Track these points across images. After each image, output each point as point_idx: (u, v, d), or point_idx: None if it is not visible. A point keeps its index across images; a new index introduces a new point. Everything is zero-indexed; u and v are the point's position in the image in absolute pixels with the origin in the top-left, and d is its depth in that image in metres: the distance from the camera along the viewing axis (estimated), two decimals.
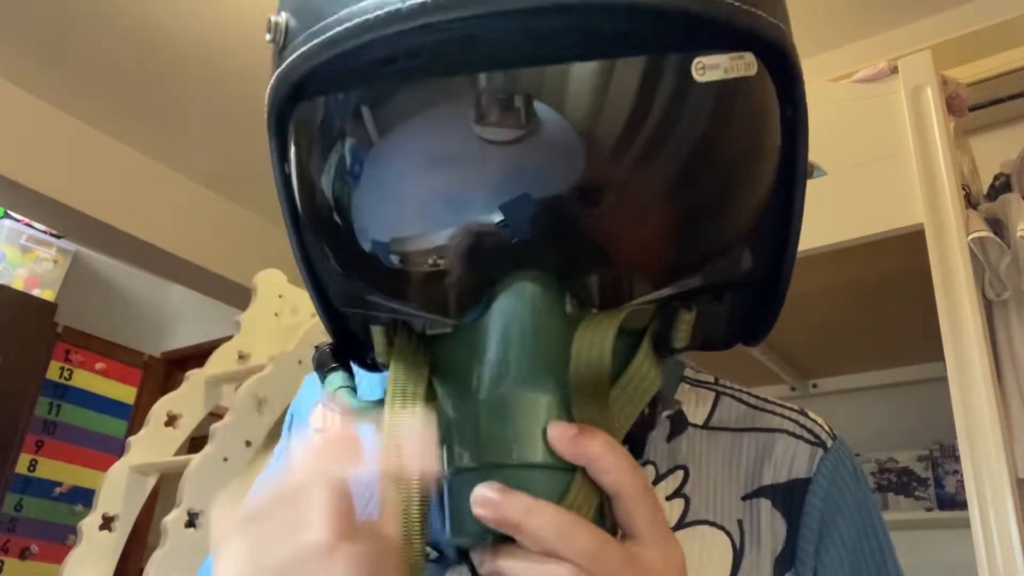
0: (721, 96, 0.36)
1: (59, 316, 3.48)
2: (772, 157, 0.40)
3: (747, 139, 0.38)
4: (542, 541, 0.31)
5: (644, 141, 0.35)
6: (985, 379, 1.06)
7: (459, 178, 0.37)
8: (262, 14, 2.59)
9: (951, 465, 1.77)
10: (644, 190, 0.36)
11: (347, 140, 0.38)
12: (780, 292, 0.43)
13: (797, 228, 0.43)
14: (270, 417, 1.74)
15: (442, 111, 0.36)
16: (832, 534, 0.46)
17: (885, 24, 2.21)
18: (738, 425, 0.49)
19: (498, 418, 0.34)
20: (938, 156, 1.20)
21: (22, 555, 3.23)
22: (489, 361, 0.35)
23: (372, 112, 0.37)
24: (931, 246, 1.16)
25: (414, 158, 0.37)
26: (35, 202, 2.82)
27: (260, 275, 2.14)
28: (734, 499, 0.46)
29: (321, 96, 0.39)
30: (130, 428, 3.56)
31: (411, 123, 0.37)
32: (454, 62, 0.35)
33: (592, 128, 0.35)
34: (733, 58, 0.35)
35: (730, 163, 0.38)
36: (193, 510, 1.60)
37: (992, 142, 1.82)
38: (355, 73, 0.37)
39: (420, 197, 0.38)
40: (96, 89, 2.76)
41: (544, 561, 0.32)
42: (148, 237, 3.03)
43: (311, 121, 0.41)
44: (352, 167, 0.39)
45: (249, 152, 3.04)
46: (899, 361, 1.90)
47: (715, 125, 0.36)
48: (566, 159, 0.35)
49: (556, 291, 0.36)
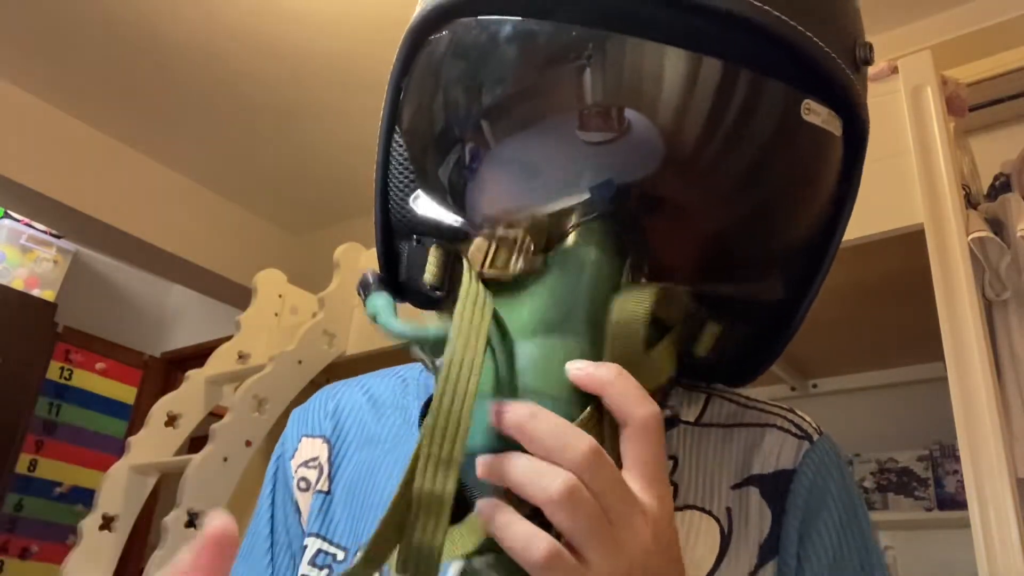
0: (795, 140, 0.41)
1: (59, 316, 3.48)
2: (819, 213, 0.45)
3: (804, 188, 0.43)
4: (542, 443, 0.32)
5: (717, 155, 0.41)
6: (985, 379, 1.06)
7: (556, 166, 0.42)
8: (263, 14, 2.59)
9: (951, 465, 1.77)
10: (706, 199, 0.41)
11: (470, 84, 0.44)
12: (788, 335, 0.47)
13: (821, 279, 0.46)
14: (270, 417, 1.74)
15: (552, 100, 0.42)
16: (816, 523, 0.46)
17: (885, 24, 2.21)
18: (728, 422, 0.51)
19: (530, 356, 0.36)
20: (938, 156, 1.20)
21: (22, 555, 3.23)
22: (536, 307, 0.38)
23: (497, 73, 0.43)
24: (931, 246, 1.16)
25: (522, 134, 0.43)
26: (35, 202, 2.82)
27: (260, 275, 2.15)
28: (724, 488, 0.47)
29: (468, 25, 0.43)
30: (130, 428, 3.56)
31: (525, 103, 0.43)
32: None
33: (674, 135, 0.40)
34: (831, 115, 0.41)
35: (783, 199, 0.43)
36: (193, 510, 1.60)
37: (992, 142, 1.82)
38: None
39: (520, 163, 0.43)
40: (96, 89, 2.76)
41: (542, 463, 0.32)
42: (148, 237, 3.03)
43: (445, 52, 0.44)
44: (468, 109, 0.44)
45: (249, 152, 3.04)
46: (899, 361, 1.90)
47: (782, 160, 0.42)
48: (647, 158, 0.40)
49: (614, 262, 0.39)
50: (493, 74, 0.43)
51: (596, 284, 0.38)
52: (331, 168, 3.08)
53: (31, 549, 3.25)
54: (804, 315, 0.46)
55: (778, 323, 0.46)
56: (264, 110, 2.78)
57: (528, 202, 0.42)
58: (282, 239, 3.53)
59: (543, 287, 0.38)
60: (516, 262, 0.39)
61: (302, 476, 0.54)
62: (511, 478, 0.33)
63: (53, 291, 3.50)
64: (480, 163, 0.44)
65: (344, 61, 2.51)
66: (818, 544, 0.46)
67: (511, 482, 0.33)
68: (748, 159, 0.41)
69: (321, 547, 0.49)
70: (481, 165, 0.44)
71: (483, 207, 0.44)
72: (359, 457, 0.53)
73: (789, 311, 0.46)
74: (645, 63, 0.40)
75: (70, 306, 3.57)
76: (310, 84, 2.62)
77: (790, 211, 0.44)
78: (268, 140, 2.95)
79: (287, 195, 3.30)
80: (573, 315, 0.37)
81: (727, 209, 0.42)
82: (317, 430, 0.56)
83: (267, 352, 1.95)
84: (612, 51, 0.40)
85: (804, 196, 0.44)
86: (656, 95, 0.40)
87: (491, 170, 0.44)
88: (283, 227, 3.54)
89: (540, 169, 0.43)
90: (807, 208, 0.44)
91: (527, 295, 0.38)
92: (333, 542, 0.49)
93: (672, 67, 0.40)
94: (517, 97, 0.43)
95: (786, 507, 0.47)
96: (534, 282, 0.39)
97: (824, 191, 0.44)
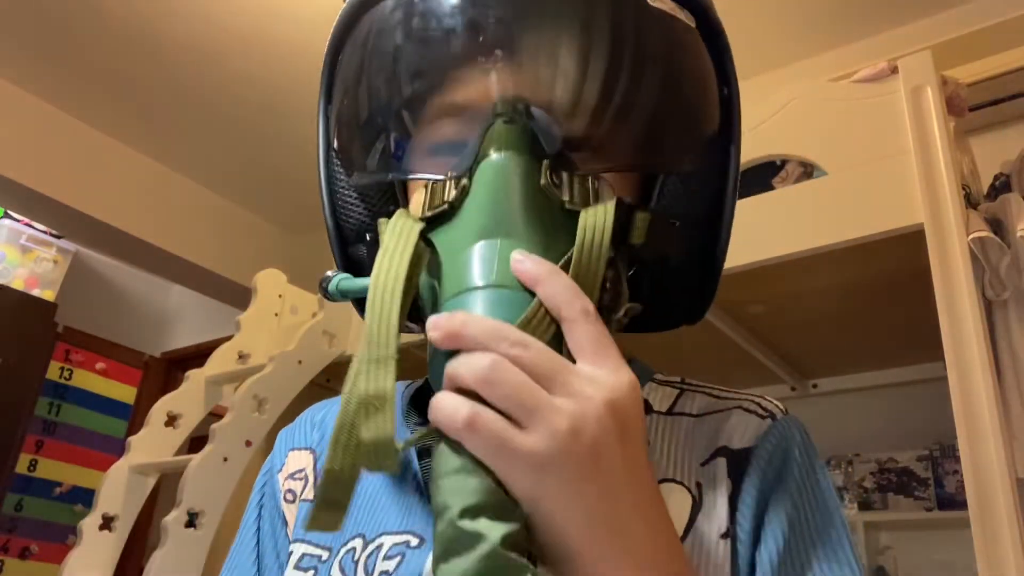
0: (652, 27, 0.46)
1: (59, 316, 3.48)
2: (709, 105, 0.49)
3: (680, 74, 0.48)
4: (475, 342, 0.35)
5: (591, 52, 0.45)
6: (985, 379, 1.06)
7: (466, 118, 0.45)
8: (262, 15, 2.59)
9: (951, 465, 1.77)
10: (596, 91, 0.45)
11: (381, 55, 0.48)
12: (716, 260, 0.50)
13: (735, 173, 0.50)
14: (270, 417, 1.74)
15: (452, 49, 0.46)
16: (776, 491, 0.47)
17: (885, 24, 2.21)
18: (698, 412, 0.52)
19: (481, 256, 0.39)
20: (938, 156, 1.20)
21: (22, 555, 3.23)
22: (471, 218, 0.41)
23: (390, 63, 0.48)
24: (931, 246, 1.16)
25: (429, 112, 0.47)
26: (35, 202, 2.82)
27: (260, 275, 2.14)
28: (694, 466, 0.49)
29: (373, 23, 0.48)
30: (130, 428, 3.56)
31: (422, 86, 0.47)
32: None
33: (552, 49, 0.45)
34: (675, 6, 0.47)
35: (664, 85, 0.47)
36: (193, 510, 1.60)
37: (992, 142, 1.82)
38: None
39: (436, 139, 0.47)
40: (96, 89, 2.76)
41: (473, 354, 0.35)
42: (148, 237, 3.03)
43: (352, 57, 0.50)
44: (382, 102, 0.48)
45: (249, 152, 3.04)
46: (899, 361, 1.90)
47: (647, 48, 0.46)
48: (535, 74, 0.45)
49: (530, 161, 0.42)
50: (395, 60, 0.47)
51: (521, 183, 0.41)
52: None
53: (31, 549, 3.25)
54: (731, 214, 0.49)
55: (709, 221, 0.49)
56: (264, 110, 2.78)
57: (452, 160, 0.45)
58: (282, 239, 3.53)
59: (473, 199, 0.42)
60: (448, 195, 0.42)
61: (288, 488, 0.54)
62: (450, 372, 0.35)
63: (53, 291, 3.50)
64: (404, 150, 0.48)
65: None
66: (779, 509, 0.46)
67: (450, 376, 0.35)
68: (620, 52, 0.45)
69: (306, 551, 0.49)
70: (405, 152, 0.48)
71: (411, 177, 0.49)
72: None
73: (716, 209, 0.49)
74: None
75: (70, 306, 3.56)
76: (310, 84, 2.61)
77: (673, 93, 0.47)
78: (268, 140, 2.95)
79: (287, 195, 3.30)
80: (507, 216, 0.40)
81: (619, 98, 0.45)
82: (303, 442, 0.56)
83: (267, 352, 1.94)
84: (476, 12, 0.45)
85: (681, 78, 0.48)
86: (523, 25, 0.45)
87: (415, 152, 0.48)
88: (283, 227, 3.54)
89: (458, 133, 0.46)
90: (692, 92, 0.48)
91: (466, 213, 0.42)
92: (317, 544, 0.49)
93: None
94: (419, 78, 0.47)
95: (747, 472, 0.47)
96: (467, 202, 0.42)
97: (702, 81, 0.49)
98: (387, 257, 0.39)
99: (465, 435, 0.33)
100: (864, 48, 2.22)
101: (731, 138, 0.50)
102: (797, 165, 1.47)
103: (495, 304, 0.37)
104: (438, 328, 0.35)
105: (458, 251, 0.40)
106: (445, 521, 0.33)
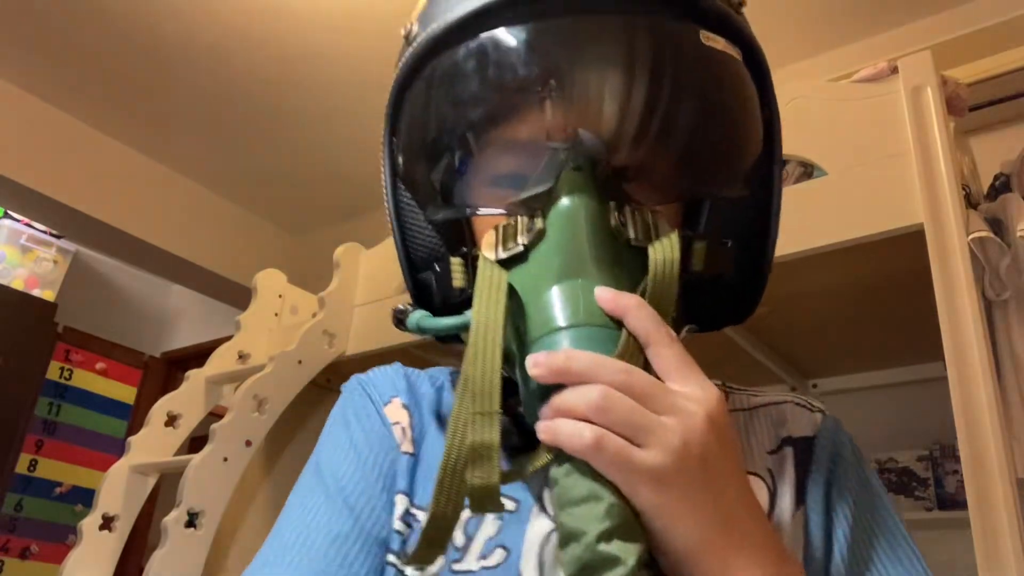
0: (707, 63, 0.49)
1: (59, 316, 3.48)
2: (755, 129, 0.52)
3: (732, 103, 0.51)
4: (580, 376, 0.39)
5: (657, 94, 0.47)
6: (985, 379, 1.06)
7: (532, 155, 0.48)
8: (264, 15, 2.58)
9: (951, 465, 1.77)
10: (660, 132, 0.48)
11: (447, 113, 0.50)
12: (763, 272, 0.54)
13: (779, 187, 0.53)
14: (270, 417, 1.74)
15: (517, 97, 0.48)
16: (838, 478, 0.52)
17: (885, 24, 2.21)
18: (748, 407, 0.58)
19: (565, 297, 0.43)
20: (938, 156, 1.20)
21: (22, 555, 3.23)
22: (549, 261, 0.44)
23: (465, 98, 0.49)
24: (931, 246, 1.16)
25: (499, 145, 0.50)
26: (35, 202, 2.82)
27: (260, 275, 2.14)
28: (763, 454, 0.54)
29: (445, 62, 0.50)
30: (130, 428, 3.56)
31: (494, 119, 0.49)
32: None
33: (621, 92, 0.47)
34: (727, 43, 0.49)
35: (718, 115, 0.50)
36: (193, 510, 1.60)
37: (992, 142, 1.82)
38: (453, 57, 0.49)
39: (501, 171, 0.50)
40: (96, 89, 2.76)
41: (582, 386, 0.38)
42: (148, 237, 3.03)
43: (425, 94, 0.52)
44: (452, 134, 0.50)
45: (249, 152, 3.04)
46: (899, 361, 1.89)
47: (701, 81, 0.49)
48: (603, 118, 0.47)
49: (600, 205, 0.45)
50: (464, 100, 0.50)
51: (594, 226, 0.45)
52: (331, 168, 3.08)
53: (31, 549, 3.25)
54: (776, 225, 0.53)
55: (756, 237, 0.53)
56: (265, 110, 2.78)
57: (516, 193, 0.48)
58: (282, 239, 3.53)
59: (549, 243, 0.45)
60: (522, 236, 0.46)
61: (395, 422, 0.54)
62: (561, 405, 0.38)
63: (53, 291, 3.50)
64: (471, 180, 0.51)
65: (345, 61, 2.51)
66: (842, 502, 0.51)
67: (561, 408, 0.38)
68: (681, 93, 0.48)
69: (407, 506, 0.50)
70: (472, 182, 0.51)
71: (483, 212, 0.51)
72: (435, 434, 0.54)
73: (762, 225, 0.53)
74: (580, 40, 0.47)
75: (70, 306, 3.57)
76: (311, 84, 2.62)
77: (728, 124, 0.51)
78: (268, 140, 2.95)
79: (287, 195, 3.30)
80: (583, 258, 0.44)
81: (680, 135, 0.49)
82: (402, 395, 0.56)
83: (267, 352, 1.94)
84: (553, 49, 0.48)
85: (733, 110, 0.51)
86: (597, 68, 0.47)
87: (481, 184, 0.51)
88: (283, 227, 3.54)
89: (521, 167, 0.49)
90: (742, 121, 0.51)
91: (541, 255, 0.45)
92: (417, 507, 0.50)
93: (600, 35, 0.47)
94: (487, 116, 0.50)
95: (812, 460, 0.53)
96: (542, 244, 0.45)
97: (751, 110, 0.52)
98: (482, 309, 0.42)
99: (591, 454, 0.37)
100: (864, 48, 2.22)
101: (774, 158, 0.53)
102: (797, 165, 1.46)
103: (587, 340, 0.41)
104: (541, 366, 0.39)
105: (539, 292, 0.43)
106: (582, 546, 0.36)
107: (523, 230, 0.46)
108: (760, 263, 0.54)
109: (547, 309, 0.42)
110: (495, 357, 0.40)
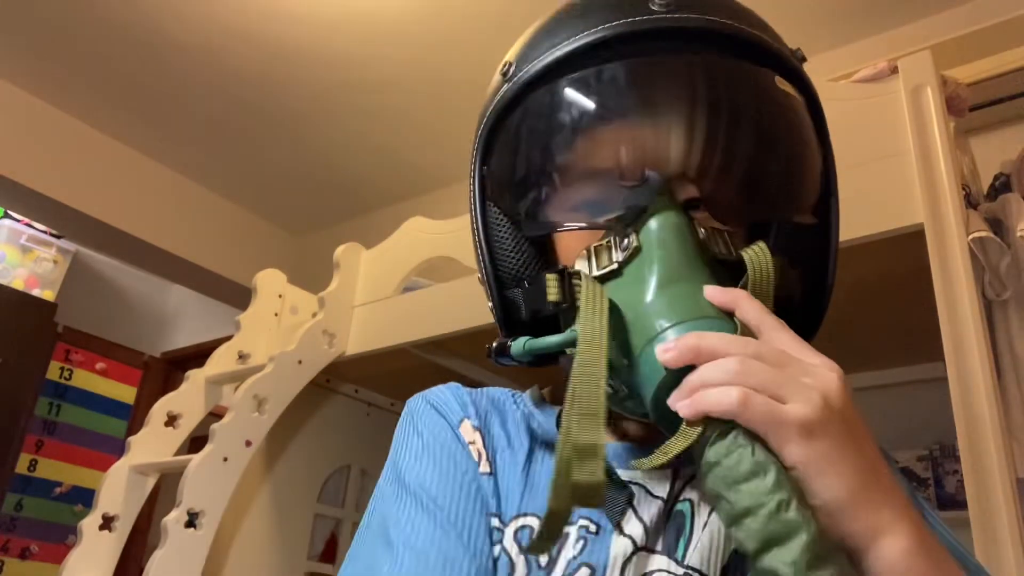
0: (780, 101, 0.55)
1: (59, 316, 3.48)
2: (815, 159, 0.58)
3: (798, 136, 0.56)
4: (713, 351, 0.41)
5: (740, 127, 0.54)
6: (985, 379, 1.06)
7: (619, 185, 0.53)
8: (264, 15, 2.58)
9: (951, 465, 1.77)
10: (739, 161, 0.53)
11: (540, 147, 0.55)
12: (825, 295, 0.59)
13: (836, 208, 0.59)
14: (270, 417, 1.74)
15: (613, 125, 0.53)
16: None
17: (885, 24, 2.21)
18: None
19: (672, 299, 0.46)
20: (938, 156, 1.20)
21: (22, 555, 3.23)
22: (653, 271, 0.48)
23: (558, 139, 0.55)
24: (931, 246, 1.16)
25: (586, 178, 0.54)
26: (35, 202, 2.82)
27: (260, 275, 2.14)
28: None
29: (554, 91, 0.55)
30: (130, 428, 3.57)
31: (583, 156, 0.54)
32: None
33: (703, 124, 0.52)
34: (793, 88, 0.56)
35: (787, 146, 0.56)
36: (193, 510, 1.60)
37: (992, 142, 1.82)
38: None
39: (590, 198, 0.54)
40: (96, 89, 2.76)
41: (718, 361, 0.41)
42: (148, 237, 3.03)
43: (519, 127, 0.57)
44: (543, 167, 0.55)
45: (249, 153, 3.04)
46: (899, 361, 1.89)
47: (776, 115, 0.55)
48: (697, 143, 0.52)
49: (688, 223, 0.50)
50: (557, 139, 0.55)
51: (686, 239, 0.49)
52: (331, 168, 3.08)
53: (31, 549, 3.25)
54: (835, 257, 0.58)
55: (815, 264, 0.58)
56: (265, 110, 2.78)
57: (604, 212, 0.53)
58: (282, 239, 3.53)
59: (645, 257, 0.49)
60: (616, 254, 0.51)
61: (470, 441, 0.56)
62: (699, 380, 0.41)
63: (53, 291, 3.50)
64: (566, 204, 0.55)
65: (345, 62, 2.51)
66: None
67: (699, 383, 0.41)
68: (758, 128, 0.54)
69: (493, 524, 0.51)
70: (567, 205, 0.55)
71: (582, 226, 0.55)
72: (507, 452, 0.56)
73: (821, 253, 0.58)
74: (667, 79, 0.53)
75: (70, 306, 3.57)
76: (311, 85, 2.62)
77: (793, 158, 0.56)
78: (268, 140, 2.95)
79: (287, 195, 3.30)
80: (679, 268, 0.48)
81: (755, 166, 0.54)
82: (472, 417, 0.57)
83: (267, 352, 1.94)
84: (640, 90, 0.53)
85: (798, 146, 0.56)
86: (683, 111, 0.52)
87: (574, 206, 0.55)
88: (283, 227, 3.54)
89: (614, 192, 0.53)
90: (806, 156, 0.57)
91: (637, 270, 0.49)
92: (492, 512, 0.52)
93: (690, 76, 0.53)
94: (586, 146, 0.54)
95: None
96: (637, 260, 0.49)
97: (812, 143, 0.57)
98: (588, 322, 0.45)
99: (739, 410, 0.39)
100: (864, 48, 2.22)
101: (831, 190, 0.58)
102: None
103: (706, 328, 0.44)
104: (672, 350, 0.42)
105: (640, 303, 0.47)
106: (763, 517, 0.37)
107: (616, 247, 0.51)
108: (822, 287, 0.59)
109: (656, 313, 0.46)
110: (601, 365, 0.43)
